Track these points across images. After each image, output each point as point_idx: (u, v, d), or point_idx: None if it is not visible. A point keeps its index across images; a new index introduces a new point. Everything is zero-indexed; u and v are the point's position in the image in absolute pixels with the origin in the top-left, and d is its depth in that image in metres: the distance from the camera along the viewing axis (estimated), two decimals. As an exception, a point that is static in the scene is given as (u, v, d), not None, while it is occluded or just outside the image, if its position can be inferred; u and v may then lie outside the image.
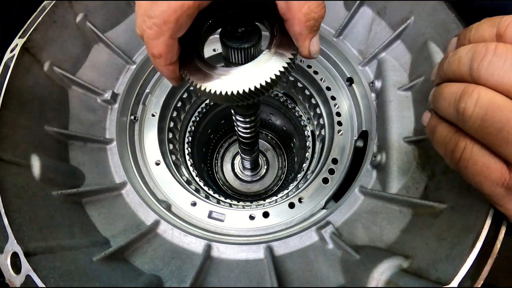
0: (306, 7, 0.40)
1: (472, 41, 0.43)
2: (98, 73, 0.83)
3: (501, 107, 0.35)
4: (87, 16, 0.78)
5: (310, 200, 0.76)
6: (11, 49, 0.66)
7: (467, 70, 0.39)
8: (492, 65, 0.36)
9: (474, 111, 0.36)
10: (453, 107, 0.39)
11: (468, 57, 0.39)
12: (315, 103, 0.98)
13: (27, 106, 0.66)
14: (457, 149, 0.41)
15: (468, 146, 0.39)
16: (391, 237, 0.60)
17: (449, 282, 0.43)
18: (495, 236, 0.45)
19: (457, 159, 0.41)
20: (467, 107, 0.37)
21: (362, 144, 0.81)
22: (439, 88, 0.44)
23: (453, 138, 0.42)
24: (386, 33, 0.81)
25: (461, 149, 0.40)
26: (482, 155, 0.38)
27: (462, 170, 0.41)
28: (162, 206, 0.73)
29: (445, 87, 0.42)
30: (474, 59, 0.38)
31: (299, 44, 0.43)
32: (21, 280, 0.47)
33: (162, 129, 0.92)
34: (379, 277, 0.51)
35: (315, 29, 0.42)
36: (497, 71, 0.35)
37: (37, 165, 0.62)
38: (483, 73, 0.37)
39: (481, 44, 0.38)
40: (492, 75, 0.36)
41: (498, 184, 0.38)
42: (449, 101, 0.41)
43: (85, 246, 0.58)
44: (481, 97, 0.36)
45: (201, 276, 0.59)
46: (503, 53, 0.35)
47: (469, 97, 0.37)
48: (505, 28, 0.38)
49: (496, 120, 0.35)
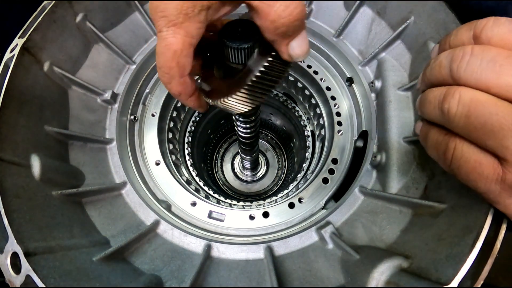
0: (273, 13, 0.37)
1: (452, 46, 0.44)
2: (98, 73, 0.83)
3: (482, 103, 0.37)
4: (87, 16, 0.78)
5: (310, 200, 0.76)
6: (11, 49, 0.66)
7: (447, 73, 0.41)
8: (470, 65, 0.38)
9: (458, 110, 0.38)
10: (438, 109, 0.41)
11: (448, 60, 0.41)
12: (315, 103, 0.98)
13: (27, 106, 0.66)
14: (448, 149, 0.42)
15: (458, 145, 0.41)
16: (391, 237, 0.60)
17: (449, 282, 0.43)
18: (495, 236, 0.45)
19: (450, 160, 0.42)
20: (451, 107, 0.39)
21: (362, 144, 0.81)
22: (424, 94, 0.46)
23: (443, 140, 0.43)
24: (386, 33, 0.81)
25: (451, 149, 0.41)
26: (473, 152, 0.39)
27: (456, 170, 0.42)
28: (162, 206, 0.73)
29: (429, 92, 0.44)
30: (453, 62, 0.40)
31: (277, 49, 0.43)
32: (21, 280, 0.47)
33: (162, 129, 0.92)
34: (379, 277, 0.50)
35: (291, 33, 0.40)
36: (475, 70, 0.38)
37: (37, 165, 0.62)
38: (463, 74, 0.39)
39: (458, 48, 0.40)
40: (471, 74, 0.38)
41: (492, 180, 0.39)
42: (433, 104, 0.42)
43: (85, 246, 0.58)
44: (463, 96, 0.38)
45: (201, 276, 0.59)
46: (479, 53, 0.38)
47: (452, 97, 0.39)
48: (480, 30, 0.41)
49: (480, 114, 0.37)
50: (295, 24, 0.39)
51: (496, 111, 0.36)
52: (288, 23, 0.38)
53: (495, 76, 0.36)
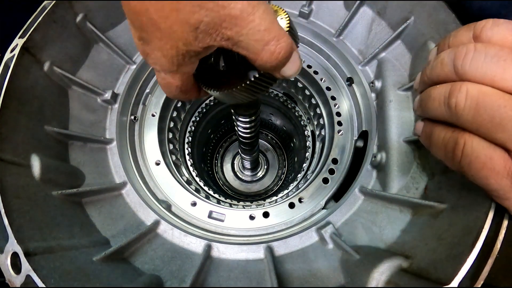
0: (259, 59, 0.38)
1: (451, 46, 0.45)
2: (98, 73, 0.83)
3: (490, 96, 0.37)
4: (87, 16, 0.78)
5: (310, 200, 0.76)
6: (11, 49, 0.66)
7: (451, 70, 0.41)
8: (474, 61, 0.38)
9: (466, 104, 0.38)
10: (444, 105, 0.41)
11: (450, 58, 0.41)
12: (315, 103, 0.98)
13: (27, 106, 0.66)
14: (457, 146, 0.41)
15: (468, 141, 0.40)
16: (391, 237, 0.60)
17: (449, 282, 0.43)
18: (495, 236, 0.45)
19: (459, 157, 0.41)
20: (459, 101, 0.39)
21: (362, 144, 0.81)
22: (426, 92, 0.46)
23: (451, 137, 0.42)
24: (386, 33, 0.81)
25: (461, 145, 0.40)
26: (483, 148, 0.39)
27: (466, 167, 0.41)
28: (162, 206, 0.73)
29: (432, 90, 0.44)
30: (457, 58, 0.40)
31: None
32: (21, 280, 0.47)
33: (162, 129, 0.92)
34: (379, 277, 0.50)
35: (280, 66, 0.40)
36: (480, 65, 0.38)
37: (37, 165, 0.62)
38: (468, 69, 0.39)
39: (460, 46, 0.41)
40: (476, 69, 0.38)
41: (503, 175, 0.38)
42: (438, 100, 0.42)
43: (85, 246, 0.58)
44: (470, 90, 0.38)
45: (201, 276, 0.59)
46: (482, 50, 0.38)
47: (459, 92, 0.39)
48: (480, 30, 0.41)
49: (488, 107, 0.37)
50: (283, 61, 0.40)
51: (504, 104, 0.36)
52: (276, 63, 0.39)
53: (501, 70, 0.36)
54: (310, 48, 0.95)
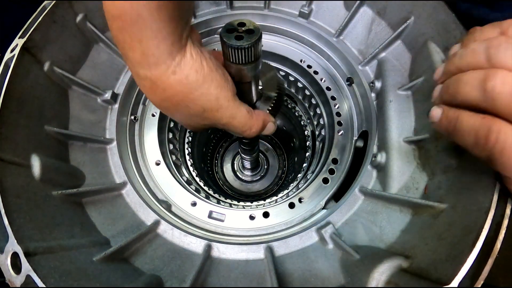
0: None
1: (478, 40, 0.46)
2: (98, 73, 0.83)
3: None
4: (87, 16, 0.78)
5: (310, 200, 0.76)
6: (11, 49, 0.66)
7: (483, 59, 0.42)
8: (509, 50, 0.39)
9: (504, 88, 0.38)
10: (479, 89, 0.41)
11: (483, 47, 0.42)
12: (315, 103, 0.98)
13: (27, 106, 0.66)
14: (491, 133, 0.40)
15: (503, 128, 0.39)
16: (391, 237, 0.60)
17: (449, 282, 0.43)
18: (495, 236, 0.45)
19: (493, 144, 0.40)
20: (496, 85, 0.39)
21: (362, 144, 0.81)
22: (454, 78, 0.46)
23: (483, 123, 0.41)
24: (386, 33, 0.81)
25: (495, 132, 0.40)
26: None
27: (497, 154, 0.40)
28: (162, 206, 0.73)
29: (463, 75, 0.44)
30: (491, 47, 0.41)
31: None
32: (21, 280, 0.47)
33: (162, 129, 0.92)
34: (379, 277, 0.50)
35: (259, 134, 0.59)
36: None
37: (37, 165, 0.62)
38: (502, 57, 0.39)
39: (492, 37, 0.43)
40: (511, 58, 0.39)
41: None
42: (471, 84, 0.42)
43: (85, 246, 0.58)
44: (506, 76, 0.38)
45: (201, 276, 0.59)
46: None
47: (495, 76, 0.39)
48: (507, 27, 0.43)
49: None
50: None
51: None
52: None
53: None
54: (310, 48, 0.95)
